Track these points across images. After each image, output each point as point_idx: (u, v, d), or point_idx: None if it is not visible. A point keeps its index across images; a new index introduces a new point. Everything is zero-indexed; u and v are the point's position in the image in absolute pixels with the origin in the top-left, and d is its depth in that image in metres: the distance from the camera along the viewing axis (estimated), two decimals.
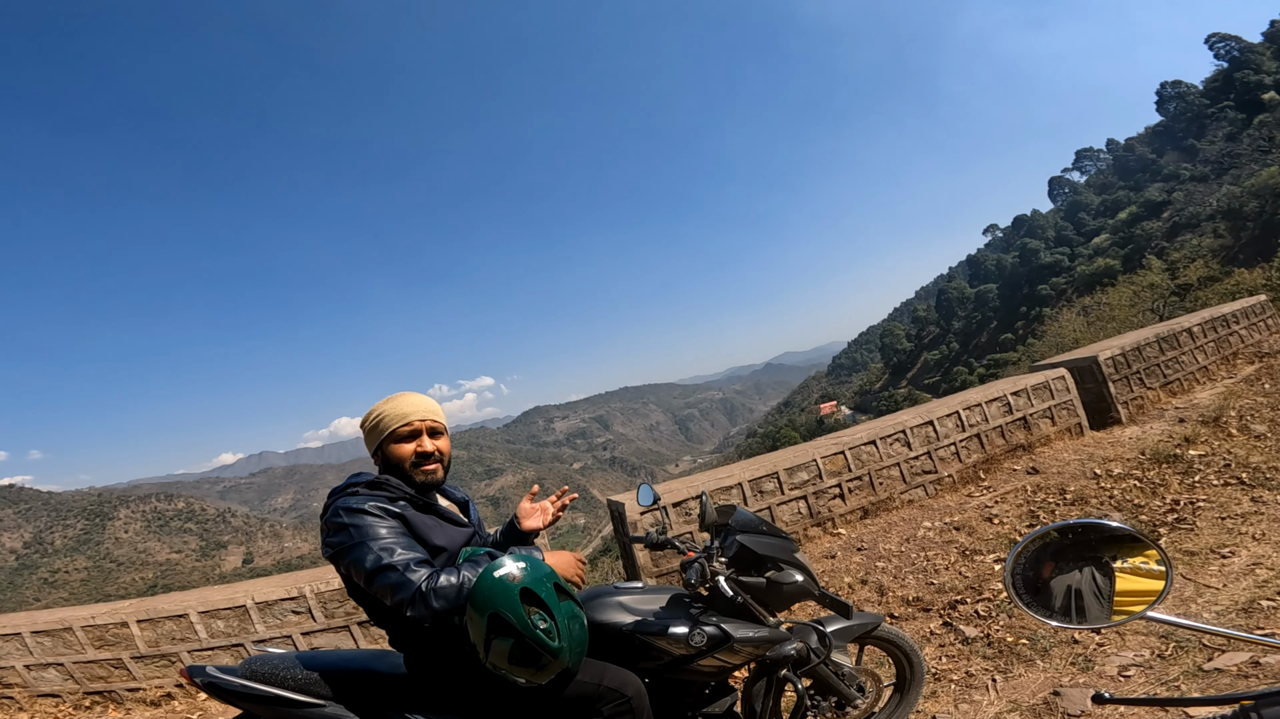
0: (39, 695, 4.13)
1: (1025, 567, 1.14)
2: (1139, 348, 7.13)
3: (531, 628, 1.58)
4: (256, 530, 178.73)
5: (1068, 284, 77.03)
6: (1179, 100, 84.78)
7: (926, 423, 5.70)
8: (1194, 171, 73.84)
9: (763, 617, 2.16)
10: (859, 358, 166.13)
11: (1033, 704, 2.73)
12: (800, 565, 2.23)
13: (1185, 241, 60.88)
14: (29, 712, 4.06)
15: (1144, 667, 2.82)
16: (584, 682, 1.79)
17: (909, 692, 2.63)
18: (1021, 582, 1.14)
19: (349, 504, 1.75)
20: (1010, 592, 1.14)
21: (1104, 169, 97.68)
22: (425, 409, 1.93)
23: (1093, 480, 5.09)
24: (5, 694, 4.16)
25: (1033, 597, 1.13)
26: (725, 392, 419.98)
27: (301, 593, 4.03)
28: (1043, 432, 6.19)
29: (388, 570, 1.64)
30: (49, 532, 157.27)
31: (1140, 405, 6.85)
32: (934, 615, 3.65)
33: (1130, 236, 73.26)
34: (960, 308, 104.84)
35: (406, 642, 1.85)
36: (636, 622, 2.06)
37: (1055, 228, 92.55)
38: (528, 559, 1.67)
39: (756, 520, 2.31)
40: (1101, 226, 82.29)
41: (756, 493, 5.00)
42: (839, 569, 4.43)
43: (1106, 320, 28.63)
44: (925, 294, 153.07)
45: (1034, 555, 1.14)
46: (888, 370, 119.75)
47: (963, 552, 4.30)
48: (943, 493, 5.53)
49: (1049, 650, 3.07)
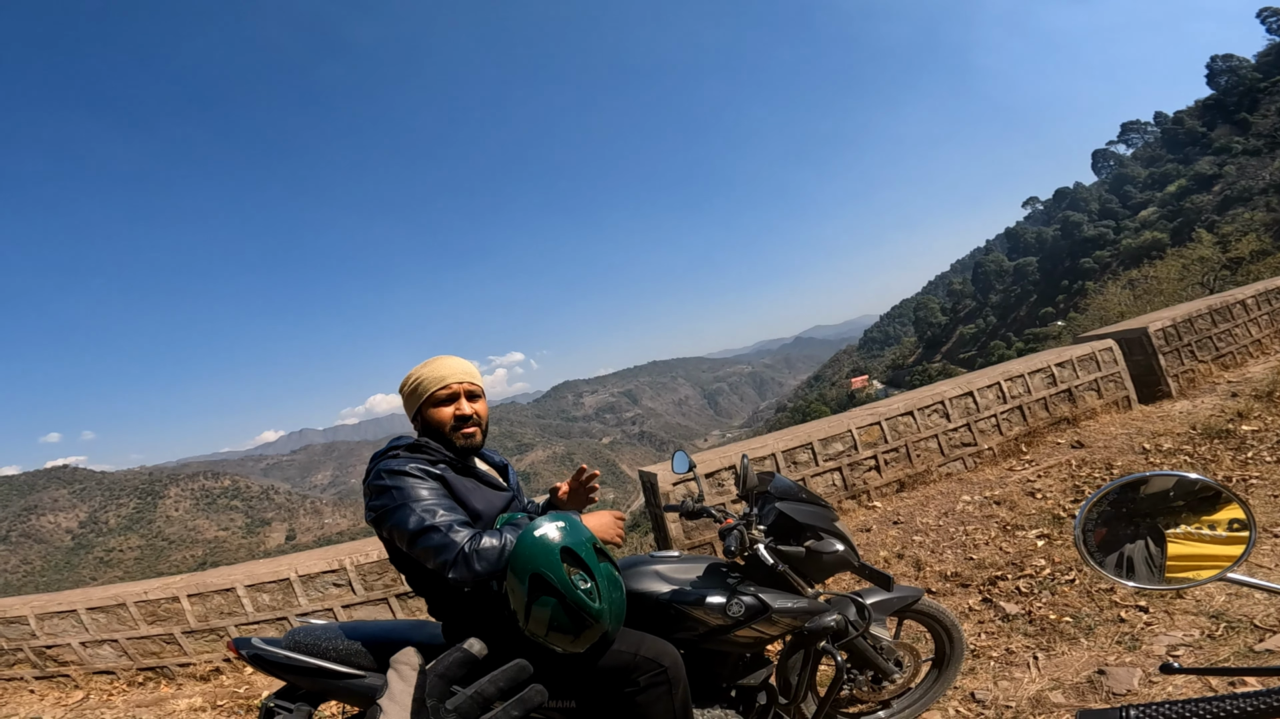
0: (94, 673, 4.25)
1: (1099, 522, 1.06)
2: (1190, 320, 6.84)
3: (573, 588, 1.55)
4: (298, 507, 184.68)
5: (1112, 257, 74.86)
6: (1230, 74, 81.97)
7: (966, 394, 5.55)
8: (1246, 145, 71.27)
9: (801, 587, 2.12)
10: (891, 332, 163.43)
11: (1076, 683, 2.65)
12: (840, 535, 2.17)
13: (1237, 215, 58.46)
14: (84, 689, 4.18)
15: (1193, 647, 2.71)
16: (621, 651, 1.77)
17: (948, 667, 2.58)
18: (1094, 540, 1.06)
19: (390, 466, 1.75)
20: (1080, 548, 1.06)
21: (1152, 142, 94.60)
22: (463, 372, 1.93)
23: (1141, 455, 4.92)
24: (61, 672, 4.29)
25: (1105, 554, 1.04)
26: (754, 365, 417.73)
27: (342, 565, 4.11)
28: (1088, 404, 5.99)
29: (430, 532, 1.63)
30: (103, 511, 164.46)
31: (1191, 379, 6.58)
32: (973, 591, 3.57)
33: (1179, 210, 70.99)
34: (998, 281, 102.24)
35: (445, 610, 1.85)
36: (673, 591, 2.04)
37: (1099, 200, 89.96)
38: (567, 519, 1.64)
39: (796, 487, 2.26)
40: (1149, 200, 79.88)
41: (790, 464, 4.94)
42: (874, 543, 4.37)
43: (1154, 294, 27.66)
44: (961, 267, 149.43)
45: (1110, 510, 1.06)
46: (921, 344, 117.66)
47: (1003, 527, 4.20)
48: (982, 466, 5.41)
49: (1094, 629, 2.98)
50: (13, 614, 4.37)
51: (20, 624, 4.34)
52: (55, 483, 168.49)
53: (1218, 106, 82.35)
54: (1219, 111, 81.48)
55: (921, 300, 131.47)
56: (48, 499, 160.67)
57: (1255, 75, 78.51)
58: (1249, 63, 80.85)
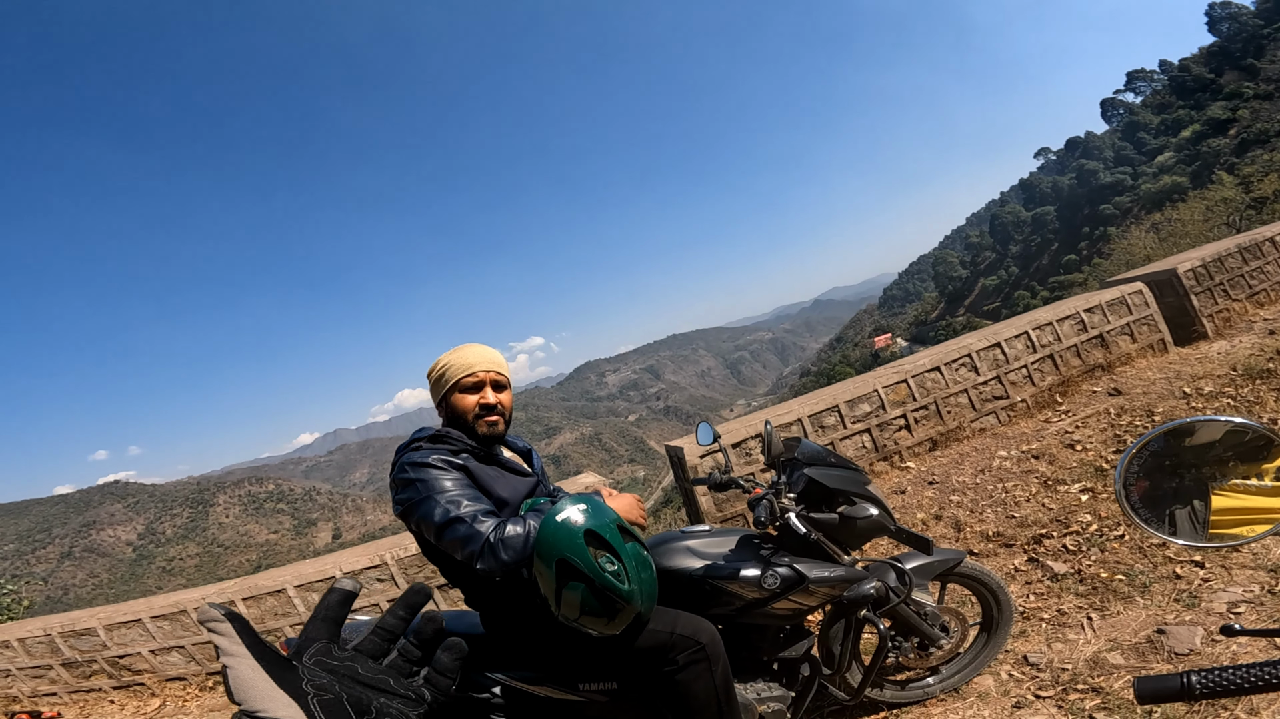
0: (167, 679, 4.37)
1: (1137, 476, 0.96)
2: (1220, 259, 6.58)
3: (600, 570, 1.52)
4: (340, 506, 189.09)
5: (1133, 203, 73.78)
6: (1231, 21, 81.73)
7: (994, 345, 5.40)
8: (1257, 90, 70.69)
9: (837, 555, 2.06)
10: (911, 288, 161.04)
11: (1135, 643, 2.53)
12: (873, 498, 2.10)
13: (1257, 157, 57.13)
14: (160, 697, 4.30)
15: (1255, 603, 2.57)
16: (656, 630, 1.74)
17: (997, 631, 2.51)
18: (1138, 495, 0.96)
19: (414, 459, 1.75)
20: (1122, 503, 0.96)
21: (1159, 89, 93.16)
22: (490, 360, 1.91)
23: (1182, 400, 4.74)
24: (137, 681, 4.41)
25: (1151, 510, 0.95)
26: (775, 332, 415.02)
27: (383, 560, 4.15)
28: (1122, 350, 5.81)
29: (456, 523, 1.63)
30: (159, 522, 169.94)
31: (1226, 318, 6.35)
32: (1017, 551, 3.47)
33: (1196, 154, 70.03)
34: (1016, 232, 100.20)
35: (481, 600, 1.84)
36: (706, 566, 2.00)
37: (1113, 148, 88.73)
38: (589, 501, 1.61)
39: (824, 452, 2.19)
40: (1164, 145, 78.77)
41: (817, 428, 4.86)
42: (910, 505, 4.29)
43: (1179, 236, 27.03)
44: (977, 220, 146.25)
45: (1143, 466, 0.96)
46: (943, 299, 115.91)
47: (1044, 482, 4.09)
48: (1016, 419, 5.27)
49: (1149, 587, 2.85)
50: (82, 626, 4.51)
51: (90, 636, 4.49)
52: (110, 498, 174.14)
53: (1222, 53, 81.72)
54: (1224, 58, 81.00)
55: (940, 255, 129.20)
56: (105, 514, 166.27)
57: (1257, 22, 78.75)
58: (1249, 9, 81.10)
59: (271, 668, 0.49)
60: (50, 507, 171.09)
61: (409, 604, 0.59)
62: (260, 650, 0.49)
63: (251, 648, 0.49)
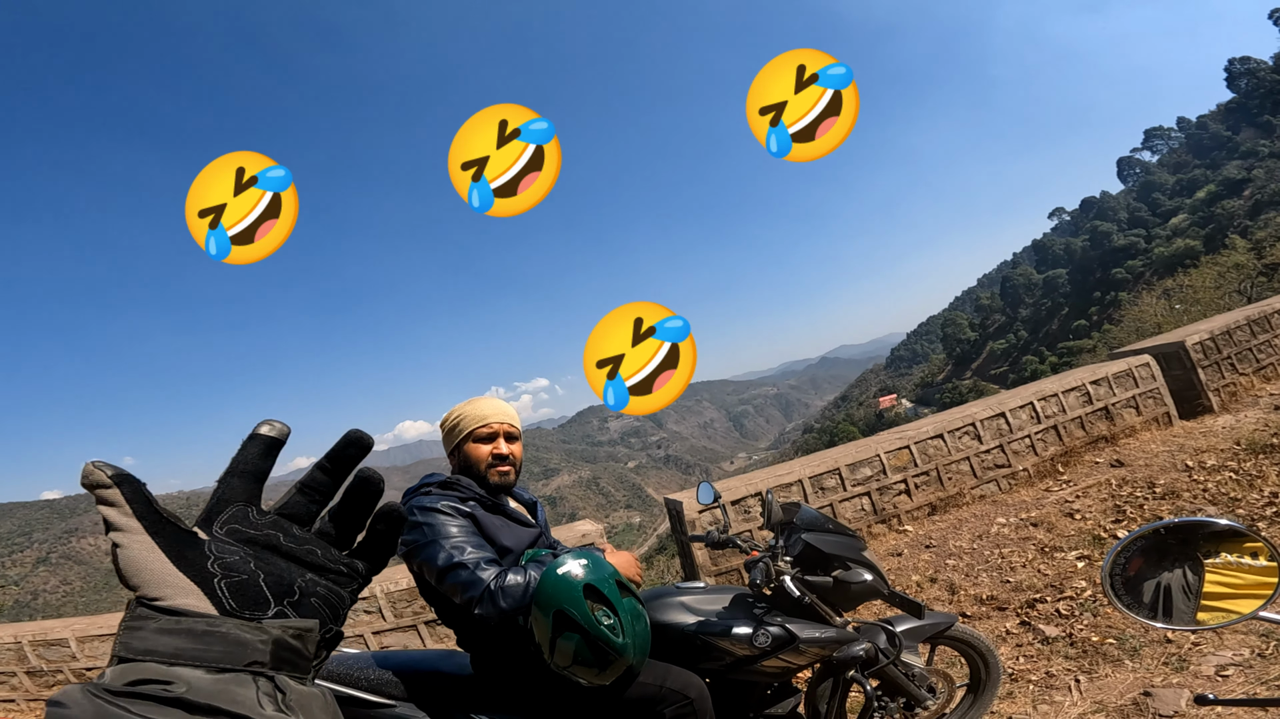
0: None
1: (1128, 566, 1.07)
2: (1228, 331, 6.65)
3: (596, 624, 1.57)
4: None
5: (1145, 267, 73.59)
6: (1249, 76, 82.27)
7: (998, 415, 5.45)
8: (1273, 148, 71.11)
9: (829, 617, 2.10)
10: (919, 349, 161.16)
11: (1120, 705, 2.57)
12: (869, 564, 2.16)
13: (1270, 220, 57.32)
14: None
15: (1243, 666, 2.62)
16: (646, 683, 1.77)
17: (983, 692, 2.52)
18: (1122, 583, 1.07)
19: (422, 503, 1.80)
20: (1108, 593, 1.07)
21: (1176, 148, 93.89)
22: (503, 413, 1.99)
23: (1184, 473, 4.76)
24: None
25: (1133, 597, 1.06)
26: (780, 387, 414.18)
27: (372, 593, 4.15)
28: (1127, 422, 5.84)
29: (458, 569, 1.68)
30: None
31: (1232, 392, 6.38)
32: (1010, 614, 3.48)
33: (1210, 216, 69.85)
34: (1027, 294, 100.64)
35: (473, 642, 1.87)
36: (699, 622, 2.03)
37: (1128, 209, 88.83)
38: (589, 557, 1.67)
39: (822, 518, 2.25)
40: (1179, 206, 78.87)
41: (818, 489, 4.88)
42: (906, 567, 4.28)
43: (1190, 303, 27.16)
44: (988, 281, 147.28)
45: (1138, 554, 1.07)
46: (951, 361, 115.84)
47: (1041, 548, 4.09)
48: (1017, 488, 5.28)
49: (1139, 650, 2.88)
50: (55, 636, 4.49)
51: (61, 646, 4.46)
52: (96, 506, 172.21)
53: (1240, 110, 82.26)
54: (1242, 115, 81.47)
55: (949, 317, 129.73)
56: (88, 522, 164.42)
57: (1275, 77, 78.76)
58: (1267, 65, 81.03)
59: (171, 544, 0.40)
60: (35, 511, 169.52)
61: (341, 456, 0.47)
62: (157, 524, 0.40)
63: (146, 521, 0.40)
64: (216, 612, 0.39)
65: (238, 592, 0.40)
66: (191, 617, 0.38)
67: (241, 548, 0.42)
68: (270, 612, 0.41)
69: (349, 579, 0.46)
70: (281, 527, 0.44)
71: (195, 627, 0.38)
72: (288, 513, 0.45)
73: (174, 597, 0.38)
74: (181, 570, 0.39)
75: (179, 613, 0.38)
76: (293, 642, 0.40)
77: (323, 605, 0.43)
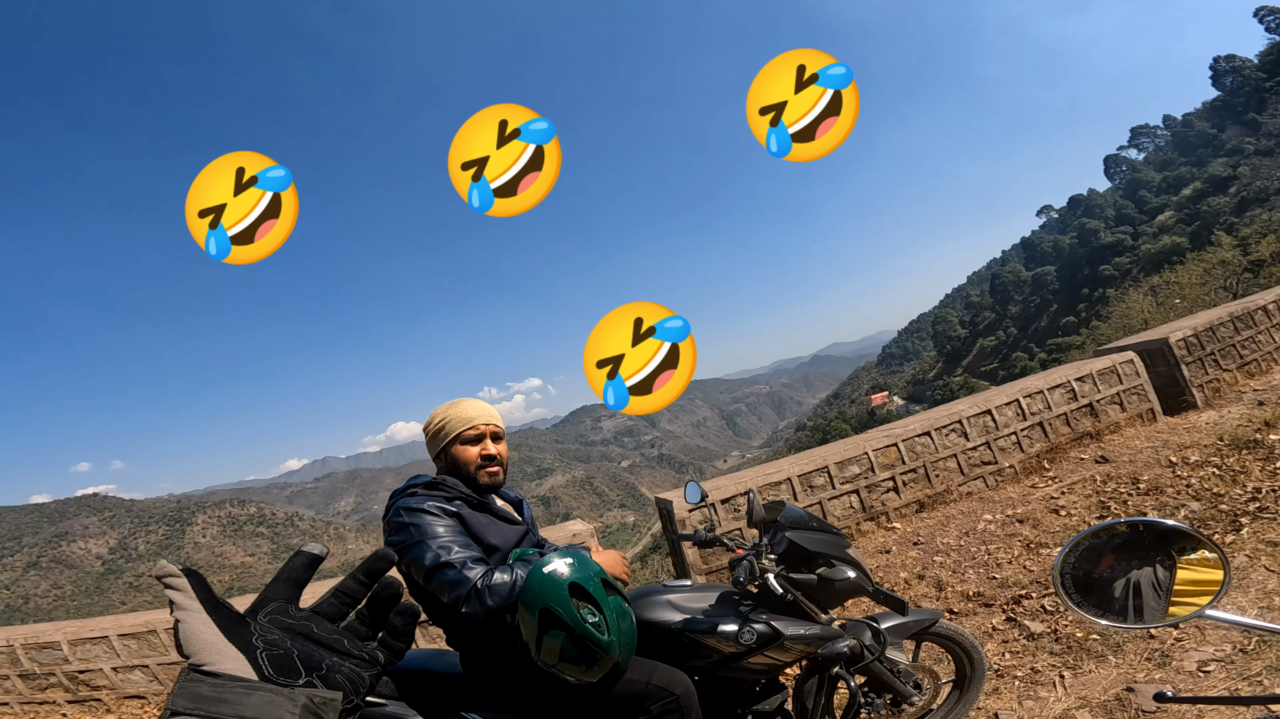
0: (125, 697, 4.33)
1: (1078, 564, 1.10)
2: (1212, 328, 6.73)
3: (581, 622, 1.59)
4: (322, 533, 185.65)
5: (1132, 264, 74.19)
6: (1234, 74, 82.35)
7: (984, 412, 5.50)
8: (1258, 145, 71.39)
9: (814, 614, 2.12)
10: (910, 347, 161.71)
11: (1104, 701, 2.61)
12: (852, 561, 2.18)
13: (1255, 217, 57.63)
14: (116, 713, 4.25)
15: (1225, 662, 2.66)
16: (633, 680, 1.79)
17: (969, 688, 2.55)
18: (1072, 580, 1.09)
19: (409, 504, 1.82)
20: (1058, 589, 1.10)
21: (1163, 146, 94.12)
22: (488, 414, 2.02)
23: (1168, 469, 4.82)
24: (93, 697, 4.38)
25: (1084, 595, 1.08)
26: (772, 385, 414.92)
27: None
28: (1111, 419, 5.90)
29: (445, 568, 1.70)
30: (132, 538, 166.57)
31: (1216, 388, 6.47)
32: (996, 611, 3.52)
33: (1196, 213, 70.34)
34: (1017, 292, 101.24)
35: (462, 640, 1.89)
36: (685, 620, 2.05)
37: (1115, 207, 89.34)
38: (575, 555, 1.68)
39: (806, 516, 2.27)
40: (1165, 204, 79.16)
41: (806, 488, 4.92)
42: (894, 564, 4.32)
43: (1176, 300, 27.41)
44: (978, 279, 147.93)
45: (1089, 551, 1.09)
46: (941, 358, 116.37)
47: (1027, 545, 4.14)
48: (1004, 484, 5.34)
49: (1122, 646, 2.93)
50: (46, 639, 4.49)
51: (54, 649, 4.45)
52: (86, 510, 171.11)
53: (1225, 107, 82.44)
54: (1227, 112, 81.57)
55: (940, 314, 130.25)
56: (78, 526, 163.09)
57: (1260, 75, 78.94)
58: (1252, 63, 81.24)
59: (223, 623, 0.48)
60: (24, 515, 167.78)
61: (371, 570, 0.57)
62: (214, 606, 0.49)
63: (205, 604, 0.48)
64: (256, 677, 0.47)
65: (275, 662, 0.48)
66: (235, 680, 0.46)
67: (280, 632, 0.51)
68: (300, 681, 0.49)
69: (369, 665, 0.55)
70: (315, 620, 0.54)
71: (236, 689, 0.45)
72: (321, 611, 0.56)
73: (221, 662, 0.46)
74: (230, 641, 0.48)
75: (225, 676, 0.46)
76: (318, 709, 0.48)
77: (346, 681, 0.52)
